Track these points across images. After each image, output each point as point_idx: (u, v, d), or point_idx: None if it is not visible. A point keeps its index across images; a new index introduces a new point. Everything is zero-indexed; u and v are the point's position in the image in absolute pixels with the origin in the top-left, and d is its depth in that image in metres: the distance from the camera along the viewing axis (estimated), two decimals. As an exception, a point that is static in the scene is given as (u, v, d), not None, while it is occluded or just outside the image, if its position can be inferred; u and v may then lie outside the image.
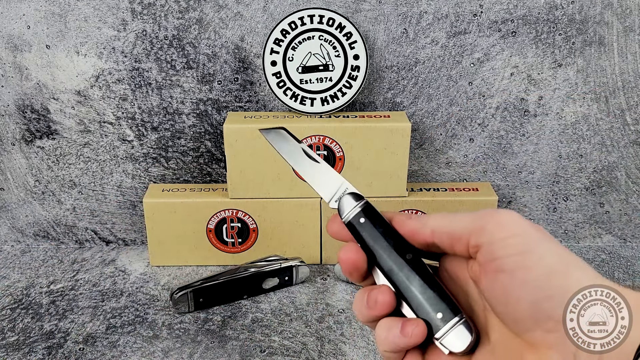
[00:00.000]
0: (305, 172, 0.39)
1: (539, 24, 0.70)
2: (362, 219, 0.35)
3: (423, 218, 0.34)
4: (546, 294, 0.28)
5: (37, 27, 0.69)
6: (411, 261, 0.33)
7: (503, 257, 0.29)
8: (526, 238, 0.30)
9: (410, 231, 0.34)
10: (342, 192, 0.37)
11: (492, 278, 0.30)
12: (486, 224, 0.30)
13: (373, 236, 0.34)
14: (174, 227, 0.73)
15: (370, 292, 0.34)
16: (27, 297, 0.69)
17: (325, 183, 0.38)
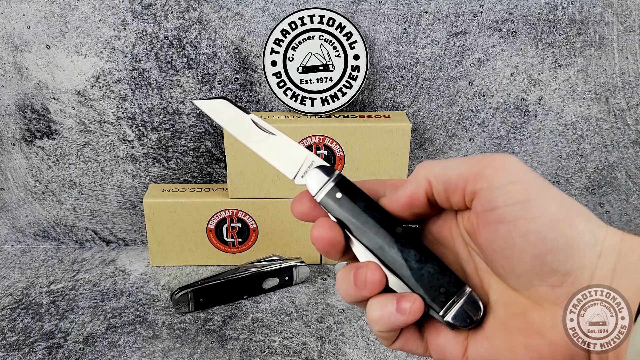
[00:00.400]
0: (259, 147, 0.33)
1: (539, 24, 0.70)
2: (338, 194, 0.31)
3: (411, 182, 0.30)
4: (550, 246, 0.26)
5: (37, 27, 0.69)
6: (403, 235, 0.30)
7: (503, 205, 0.27)
8: (528, 185, 0.27)
9: (404, 204, 0.31)
10: (308, 165, 0.33)
11: (491, 229, 0.28)
12: (484, 169, 0.28)
13: (355, 213, 0.31)
14: (174, 227, 0.73)
15: (357, 271, 0.31)
16: (28, 297, 0.69)
17: (286, 157, 0.33)
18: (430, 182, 0.30)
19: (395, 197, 0.31)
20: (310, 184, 0.32)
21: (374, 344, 0.60)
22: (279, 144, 0.33)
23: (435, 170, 0.30)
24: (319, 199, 0.31)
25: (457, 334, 0.30)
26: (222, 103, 0.34)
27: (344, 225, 0.31)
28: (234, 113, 0.34)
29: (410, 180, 0.31)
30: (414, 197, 0.30)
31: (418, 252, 0.30)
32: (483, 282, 0.30)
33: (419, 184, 0.30)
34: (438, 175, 0.29)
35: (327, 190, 0.31)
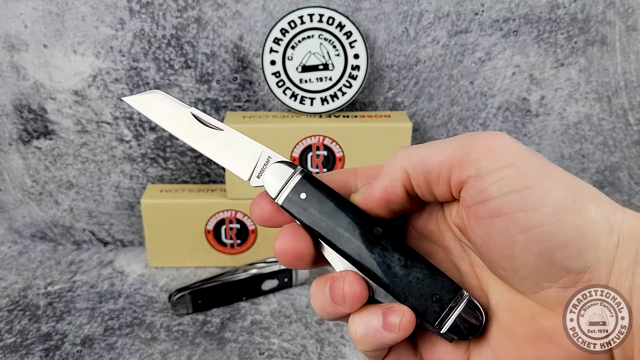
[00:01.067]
0: (205, 146, 0.28)
1: (540, 23, 0.69)
2: (303, 194, 0.27)
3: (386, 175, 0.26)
4: (558, 241, 0.22)
5: (34, 26, 0.69)
6: (383, 236, 0.26)
7: (497, 196, 0.23)
8: (524, 168, 0.23)
9: (379, 201, 0.26)
10: (265, 162, 0.28)
11: (486, 225, 0.24)
12: (470, 152, 0.24)
13: (324, 215, 0.27)
14: (172, 228, 0.72)
15: (333, 284, 0.26)
16: (25, 298, 0.68)
17: (237, 155, 0.28)
18: (407, 173, 0.26)
19: (368, 193, 0.27)
20: (269, 185, 0.28)
21: (374, 346, 0.60)
22: (228, 140, 0.29)
23: (412, 158, 0.25)
24: (280, 202, 0.27)
25: (456, 346, 0.27)
26: (157, 97, 0.29)
27: (312, 230, 0.27)
28: (171, 108, 0.29)
29: (384, 171, 0.26)
30: (390, 192, 0.26)
31: (403, 255, 0.26)
32: (481, 281, 0.27)
33: (395, 176, 0.26)
34: (416, 164, 0.25)
35: (289, 190, 0.27)
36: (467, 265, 0.27)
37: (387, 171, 0.26)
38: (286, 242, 0.27)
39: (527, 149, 0.24)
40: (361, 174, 0.29)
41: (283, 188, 0.27)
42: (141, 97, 0.29)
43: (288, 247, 0.26)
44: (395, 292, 0.26)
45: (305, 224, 0.27)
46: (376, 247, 0.26)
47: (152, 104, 0.29)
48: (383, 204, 0.26)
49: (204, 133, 0.29)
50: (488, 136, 0.24)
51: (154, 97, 0.29)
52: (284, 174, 0.27)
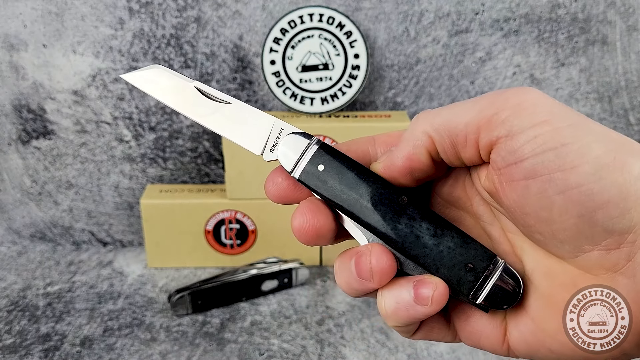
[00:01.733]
0: (212, 121, 0.27)
1: (541, 23, 0.69)
2: (321, 165, 0.25)
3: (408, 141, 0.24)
4: (599, 201, 0.21)
5: (33, 26, 0.69)
6: (409, 205, 0.25)
7: (531, 155, 0.21)
8: (559, 124, 0.21)
9: (402, 169, 0.25)
10: (277, 134, 0.26)
11: (520, 188, 0.22)
12: (499, 111, 0.22)
13: (344, 187, 0.25)
14: (171, 229, 0.72)
15: (359, 259, 0.25)
16: (24, 299, 0.68)
17: (248, 129, 0.27)
18: (431, 138, 0.24)
19: (389, 161, 0.25)
20: (283, 158, 0.26)
21: (374, 346, 0.60)
22: (236, 113, 0.27)
23: (435, 121, 0.24)
24: (297, 176, 0.26)
25: (492, 316, 0.26)
26: (157, 72, 0.27)
27: (333, 203, 0.25)
28: (174, 82, 0.27)
29: (406, 138, 0.25)
30: (414, 159, 0.24)
31: (431, 224, 0.25)
32: (515, 247, 0.25)
33: (418, 141, 0.24)
34: (440, 128, 0.24)
35: (306, 163, 0.25)
36: (499, 230, 0.26)
37: (408, 137, 0.25)
38: (305, 219, 0.25)
39: (561, 105, 0.22)
40: (380, 141, 0.27)
41: (299, 161, 0.26)
42: (141, 73, 0.27)
43: (308, 224, 0.25)
44: (426, 263, 0.25)
45: (325, 197, 0.25)
46: (402, 217, 0.25)
47: (153, 80, 0.27)
48: (406, 172, 0.25)
49: (210, 107, 0.27)
50: (517, 92, 0.22)
51: (155, 72, 0.27)
52: (299, 146, 0.26)
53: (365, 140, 0.27)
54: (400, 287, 0.25)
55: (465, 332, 0.27)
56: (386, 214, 0.25)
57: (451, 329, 0.27)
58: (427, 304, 0.24)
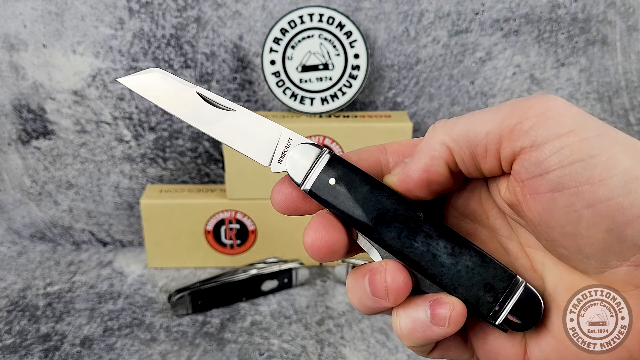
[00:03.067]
0: (216, 129, 0.25)
1: (541, 23, 0.69)
2: (332, 179, 0.24)
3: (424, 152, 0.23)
4: (629, 215, 0.20)
5: (33, 26, 0.69)
6: (425, 221, 0.24)
7: (558, 167, 0.21)
8: (586, 134, 0.20)
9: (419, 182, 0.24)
10: (285, 144, 0.25)
11: (546, 200, 0.21)
12: (522, 119, 0.21)
13: (358, 200, 0.24)
14: (171, 229, 0.72)
15: (374, 276, 0.24)
16: (24, 299, 0.68)
17: (254, 138, 0.26)
18: (450, 149, 0.23)
19: (405, 173, 0.24)
20: (292, 170, 0.25)
21: (374, 347, 0.60)
22: (241, 121, 0.26)
23: (454, 131, 0.23)
24: (307, 189, 0.25)
25: (511, 335, 0.25)
26: (156, 76, 0.26)
27: (345, 218, 0.24)
28: (174, 88, 0.25)
29: (422, 149, 0.24)
30: (432, 171, 0.23)
31: (449, 243, 0.24)
32: (534, 261, 0.24)
33: (435, 153, 0.23)
34: (459, 138, 0.23)
35: (316, 175, 0.24)
36: (516, 245, 0.25)
37: (425, 148, 0.24)
38: (318, 236, 0.24)
39: (586, 113, 0.21)
40: (391, 150, 0.26)
41: (309, 173, 0.25)
42: (138, 77, 0.26)
43: (321, 241, 0.24)
44: (443, 282, 0.24)
45: (337, 211, 0.24)
46: (419, 234, 0.24)
47: (151, 85, 0.26)
48: (423, 185, 0.24)
49: (214, 115, 0.25)
50: (541, 100, 0.21)
51: (153, 76, 0.26)
52: (308, 157, 0.25)
53: (376, 149, 0.26)
54: (416, 307, 0.24)
55: (483, 350, 0.26)
56: (402, 231, 0.24)
57: (468, 347, 0.26)
58: (444, 325, 0.23)
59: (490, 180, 0.24)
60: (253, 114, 0.26)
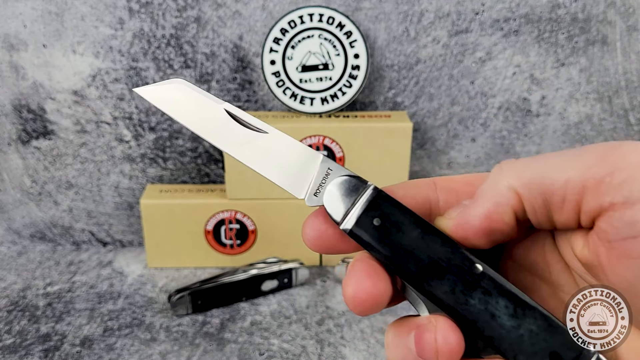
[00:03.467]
0: (244, 152, 0.23)
1: (541, 23, 0.69)
2: (377, 219, 0.22)
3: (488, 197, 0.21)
4: None
5: (33, 26, 0.69)
6: (484, 276, 0.21)
7: None
8: None
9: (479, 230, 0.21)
10: (323, 175, 0.23)
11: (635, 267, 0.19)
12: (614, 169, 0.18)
13: (406, 247, 0.21)
14: (171, 229, 0.72)
15: (421, 335, 0.21)
16: (24, 299, 0.68)
17: (288, 165, 0.23)
18: (519, 195, 0.20)
19: (463, 219, 0.21)
20: (331, 206, 0.22)
21: (374, 347, 0.60)
22: (273, 145, 0.23)
23: (525, 175, 0.20)
24: (348, 228, 0.22)
25: None
26: (179, 88, 0.23)
27: (389, 264, 0.22)
28: (199, 103, 0.23)
29: (486, 192, 0.21)
30: (495, 219, 0.21)
31: (511, 301, 0.21)
32: None
33: (501, 198, 0.20)
34: (532, 184, 0.20)
35: (358, 214, 0.22)
36: None
37: (489, 192, 0.21)
38: (363, 288, 0.20)
39: None
40: (442, 187, 0.23)
41: (350, 211, 0.22)
42: (159, 88, 0.23)
43: (366, 294, 0.20)
44: (502, 347, 0.21)
45: (380, 256, 0.22)
46: (476, 290, 0.21)
47: (172, 98, 0.23)
48: (483, 234, 0.21)
49: (243, 136, 0.22)
50: (634, 148, 0.19)
51: (175, 88, 0.23)
52: (349, 192, 0.22)
53: (425, 183, 0.24)
54: None
55: None
56: (456, 285, 0.21)
57: None
58: None
59: (559, 232, 0.22)
60: (288, 137, 0.24)
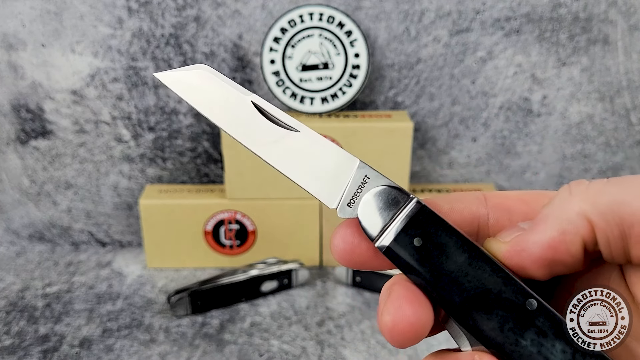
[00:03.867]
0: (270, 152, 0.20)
1: (542, 22, 0.69)
2: (418, 239, 0.19)
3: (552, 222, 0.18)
4: None
5: (32, 25, 0.68)
6: (539, 313, 0.19)
7: None
8: None
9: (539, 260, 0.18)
10: (360, 183, 0.20)
11: None
12: None
13: (451, 273, 0.19)
14: (171, 229, 0.71)
15: None
16: (23, 299, 0.68)
17: (320, 168, 0.21)
18: (591, 224, 0.18)
19: (520, 245, 0.18)
20: (366, 220, 0.19)
21: (374, 348, 0.59)
22: (306, 146, 0.21)
23: (601, 201, 0.17)
24: (383, 246, 0.19)
25: None
26: (202, 75, 0.20)
27: (429, 290, 0.19)
28: (224, 92, 0.20)
29: (551, 217, 0.18)
30: (560, 250, 0.18)
31: (569, 345, 0.19)
32: None
33: (571, 226, 0.18)
34: (609, 212, 0.17)
35: (397, 232, 0.19)
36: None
37: (555, 217, 0.18)
38: (403, 316, 0.18)
39: None
40: (494, 203, 0.21)
41: (387, 226, 0.19)
42: (181, 74, 0.20)
43: (406, 323, 0.18)
44: None
45: (420, 282, 0.19)
46: (529, 329, 0.19)
47: (195, 85, 0.20)
48: (543, 265, 0.19)
49: (271, 133, 0.20)
50: None
51: (199, 75, 0.20)
52: (388, 205, 0.19)
53: (474, 197, 0.21)
54: None
55: None
56: (506, 321, 0.18)
57: None
58: None
59: (632, 266, 0.19)
60: (322, 138, 0.21)
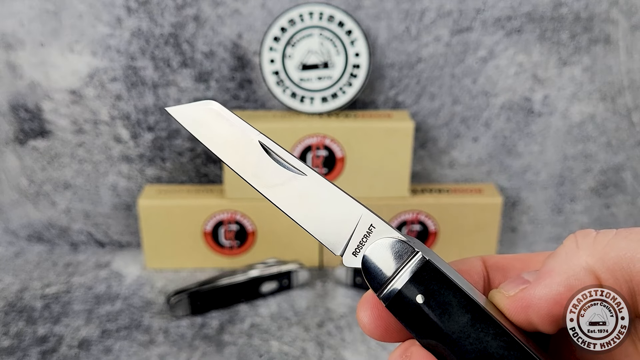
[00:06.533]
0: (275, 193, 0.21)
1: (543, 22, 0.68)
2: (420, 296, 0.19)
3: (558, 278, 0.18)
4: None
5: (30, 24, 0.68)
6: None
7: None
8: None
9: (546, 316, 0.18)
10: (365, 233, 0.20)
11: None
12: None
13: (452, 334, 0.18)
14: (170, 230, 0.71)
15: None
16: (21, 300, 0.67)
17: (326, 215, 0.20)
18: (599, 280, 0.18)
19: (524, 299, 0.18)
20: (371, 272, 0.20)
21: (375, 349, 0.59)
22: (312, 190, 0.20)
23: (609, 256, 0.17)
24: (387, 298, 0.19)
25: None
26: (210, 111, 0.20)
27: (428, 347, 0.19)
28: (232, 130, 0.20)
29: (556, 271, 0.18)
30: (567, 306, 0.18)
31: None
32: None
33: (577, 281, 0.18)
34: (617, 268, 0.17)
35: (400, 286, 0.19)
36: None
37: (561, 270, 0.18)
38: None
39: None
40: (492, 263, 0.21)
41: (390, 280, 0.19)
42: (190, 109, 0.21)
43: None
44: None
45: (419, 338, 0.19)
46: None
47: (203, 121, 0.21)
48: (550, 321, 0.18)
49: (278, 175, 0.20)
50: None
51: (208, 110, 0.21)
52: (393, 258, 0.19)
53: (475, 262, 0.21)
54: None
55: None
56: None
57: None
58: None
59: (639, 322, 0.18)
60: (328, 182, 0.21)
